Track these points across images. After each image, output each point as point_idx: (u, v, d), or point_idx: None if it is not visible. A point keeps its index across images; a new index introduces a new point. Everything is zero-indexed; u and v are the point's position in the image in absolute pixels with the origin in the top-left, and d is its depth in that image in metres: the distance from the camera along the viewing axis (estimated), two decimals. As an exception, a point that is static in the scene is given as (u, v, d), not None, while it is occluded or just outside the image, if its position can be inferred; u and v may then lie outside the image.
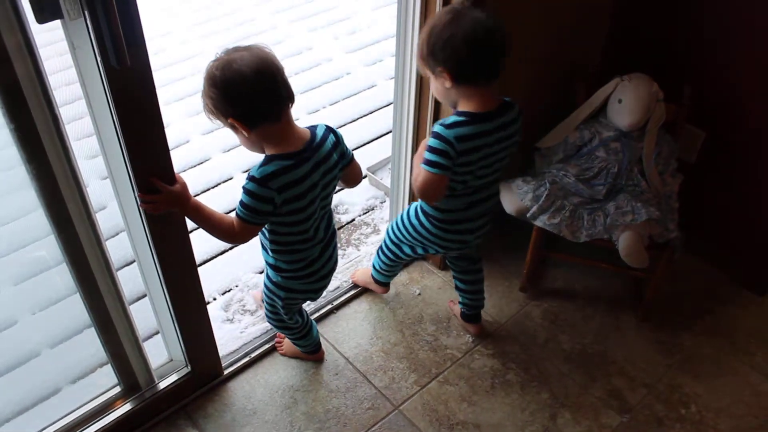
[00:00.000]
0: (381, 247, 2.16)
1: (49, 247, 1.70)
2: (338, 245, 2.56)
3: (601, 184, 2.22)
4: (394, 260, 2.15)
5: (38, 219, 1.58)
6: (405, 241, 2.01)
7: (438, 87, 1.67)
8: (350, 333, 2.26)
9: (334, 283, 2.39)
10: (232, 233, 1.66)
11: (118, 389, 1.94)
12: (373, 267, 2.28)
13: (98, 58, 1.29)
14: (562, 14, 2.20)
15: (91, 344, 1.90)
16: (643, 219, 2.07)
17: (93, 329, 1.84)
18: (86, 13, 1.24)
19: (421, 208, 1.88)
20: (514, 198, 2.26)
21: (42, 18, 1.26)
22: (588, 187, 2.23)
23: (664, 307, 2.40)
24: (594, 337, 2.30)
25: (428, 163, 1.64)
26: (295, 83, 3.60)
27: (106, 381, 1.96)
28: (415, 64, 2.03)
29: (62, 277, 1.75)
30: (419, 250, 2.01)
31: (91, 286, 1.71)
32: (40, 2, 1.22)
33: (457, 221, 1.84)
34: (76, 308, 1.81)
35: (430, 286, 2.43)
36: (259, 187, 1.56)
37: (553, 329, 2.32)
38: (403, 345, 2.23)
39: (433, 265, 2.50)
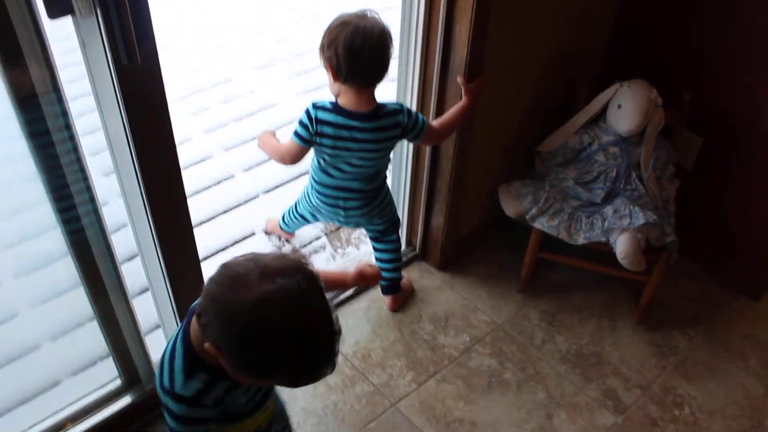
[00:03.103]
0: (292, 207, 2.34)
1: (54, 240, 1.72)
2: (339, 245, 2.59)
3: (599, 188, 2.24)
4: (298, 219, 2.33)
5: (44, 212, 1.60)
6: (303, 205, 2.21)
7: (328, 79, 1.87)
8: (349, 330, 2.28)
9: (333, 282, 2.42)
10: None
11: (118, 382, 1.96)
12: (282, 220, 2.45)
13: (108, 55, 1.31)
14: (566, 20, 2.22)
15: (92, 337, 1.92)
16: (640, 223, 2.10)
17: (95, 322, 1.86)
18: (98, 10, 1.26)
19: (311, 180, 2.10)
20: (513, 200, 2.29)
21: (53, 13, 1.27)
22: (586, 190, 2.25)
23: (660, 310, 2.43)
24: (590, 338, 2.33)
25: (294, 132, 1.92)
26: (314, 97, 3.63)
27: (106, 374, 1.97)
28: (417, 70, 2.09)
29: (67, 270, 1.77)
30: (316, 215, 2.20)
31: (95, 279, 1.72)
32: (51, -2, 1.24)
33: (327, 195, 2.06)
34: (78, 301, 1.82)
35: (428, 286, 2.46)
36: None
37: (550, 330, 2.34)
38: (401, 343, 2.26)
39: (432, 266, 2.52)
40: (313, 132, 1.89)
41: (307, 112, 1.89)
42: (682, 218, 2.32)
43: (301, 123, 1.90)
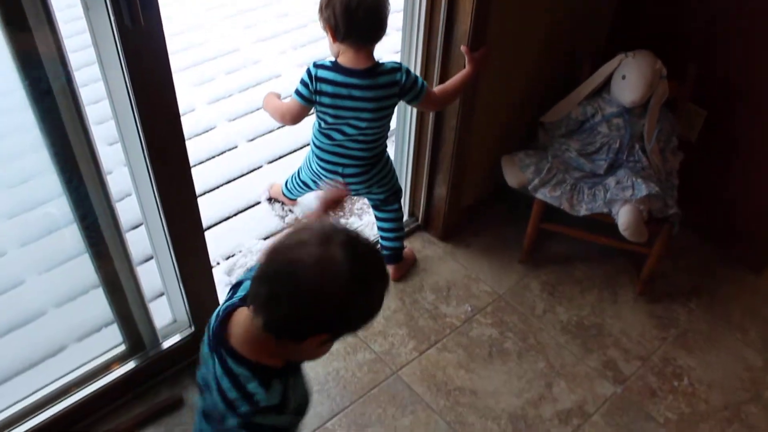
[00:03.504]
0: (295, 174, 2.36)
1: (59, 208, 1.74)
2: (342, 215, 2.61)
3: (602, 159, 2.24)
4: (301, 186, 2.34)
5: (50, 181, 1.62)
6: (305, 172, 2.24)
7: (328, 40, 1.92)
8: (351, 300, 2.30)
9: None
10: None
11: (123, 348, 1.99)
12: (285, 186, 2.47)
13: (112, 18, 1.31)
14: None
15: (97, 304, 1.94)
16: (642, 194, 2.10)
17: (100, 289, 1.88)
18: (101, -28, 1.26)
19: (311, 145, 2.14)
20: (516, 171, 2.29)
21: (57, -23, 1.28)
22: (589, 161, 2.26)
23: (661, 282, 2.44)
24: (591, 309, 2.34)
25: (295, 90, 1.97)
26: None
27: (111, 340, 2.00)
28: (421, 41, 2.09)
29: (72, 237, 1.79)
30: (318, 182, 2.24)
31: (100, 247, 1.74)
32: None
33: (327, 161, 2.10)
34: (84, 269, 1.84)
35: (430, 256, 2.47)
36: None
37: (551, 301, 2.36)
38: (403, 312, 2.28)
39: (434, 236, 2.54)
40: (313, 90, 1.93)
41: (308, 70, 1.94)
42: (685, 191, 2.32)
43: (302, 81, 1.95)
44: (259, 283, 1.09)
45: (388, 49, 3.58)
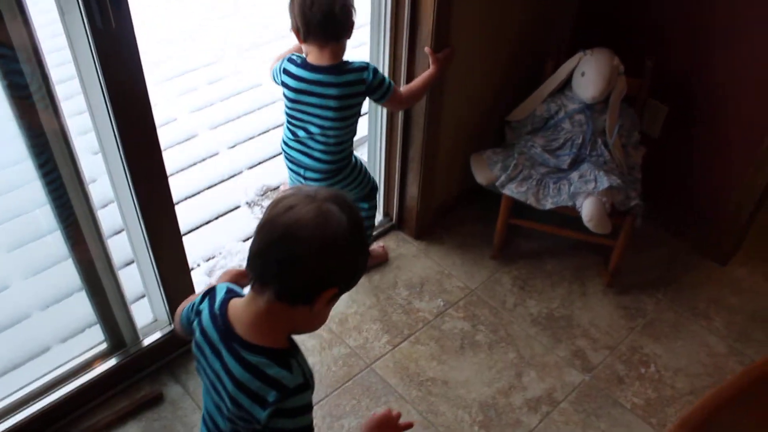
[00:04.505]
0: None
1: (44, 215, 1.80)
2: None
3: (566, 155, 2.32)
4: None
5: (34, 190, 1.69)
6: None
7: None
8: (328, 298, 2.36)
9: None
10: None
11: (104, 346, 2.05)
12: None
13: (85, 20, 1.39)
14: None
15: (80, 306, 2.00)
16: (604, 186, 2.18)
17: (83, 292, 1.94)
18: (72, -23, 1.34)
19: (281, 140, 2.19)
20: (484, 168, 2.37)
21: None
22: (553, 157, 2.33)
23: (629, 275, 2.51)
24: (561, 302, 2.41)
25: (273, 68, 2.10)
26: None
27: (93, 338, 2.05)
28: (387, 46, 2.17)
29: (56, 244, 1.85)
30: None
31: (83, 253, 1.81)
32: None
33: (292, 161, 2.16)
34: (67, 273, 1.91)
35: (404, 254, 2.54)
36: None
37: (521, 294, 2.43)
38: (377, 308, 2.34)
39: (408, 235, 2.61)
40: (277, 81, 2.07)
41: (280, 63, 2.05)
42: (650, 185, 2.40)
43: (274, 69, 2.08)
44: (263, 255, 1.11)
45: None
